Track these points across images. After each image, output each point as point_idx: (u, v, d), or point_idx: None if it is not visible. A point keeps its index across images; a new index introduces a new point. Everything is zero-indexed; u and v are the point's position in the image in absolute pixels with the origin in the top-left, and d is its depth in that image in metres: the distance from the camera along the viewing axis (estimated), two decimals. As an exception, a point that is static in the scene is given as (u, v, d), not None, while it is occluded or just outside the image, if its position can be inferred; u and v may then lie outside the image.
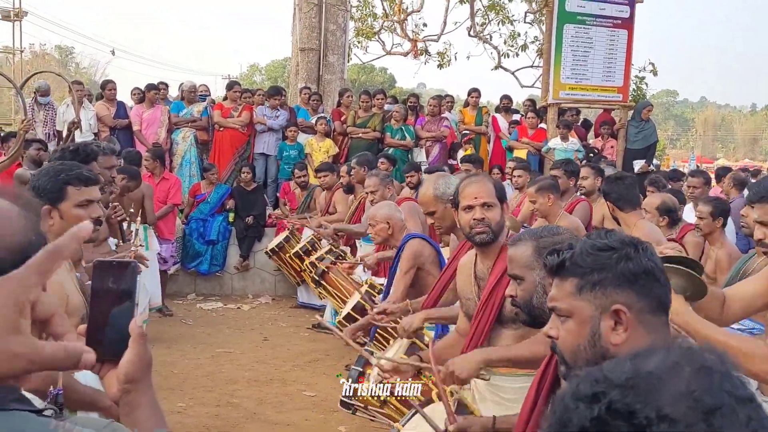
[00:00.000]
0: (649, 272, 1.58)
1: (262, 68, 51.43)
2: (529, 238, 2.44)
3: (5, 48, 38.58)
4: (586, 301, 1.60)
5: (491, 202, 3.16)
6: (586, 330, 1.60)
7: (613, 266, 1.58)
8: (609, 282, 1.58)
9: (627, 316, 1.56)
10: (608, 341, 1.58)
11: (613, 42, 11.26)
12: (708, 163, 39.06)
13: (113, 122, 9.99)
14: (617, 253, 1.59)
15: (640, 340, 1.56)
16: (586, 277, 1.61)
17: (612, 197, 4.82)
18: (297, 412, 5.68)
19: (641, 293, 1.57)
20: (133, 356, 1.33)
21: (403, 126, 10.69)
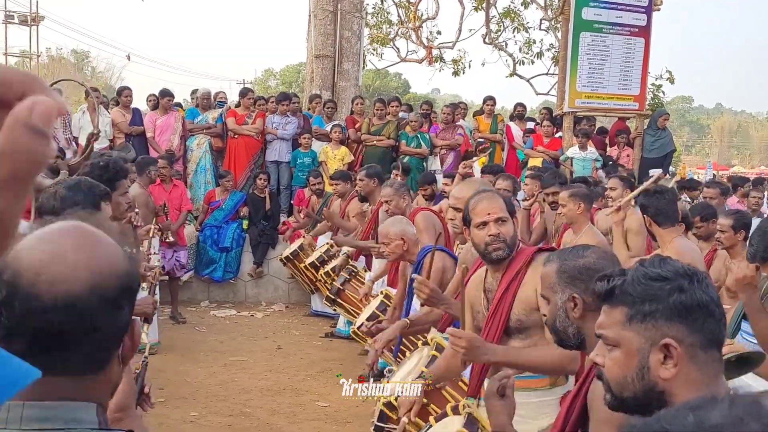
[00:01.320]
0: (704, 306, 1.52)
1: (276, 73, 51.59)
2: (556, 258, 2.39)
3: (22, 52, 39.00)
4: (635, 332, 1.55)
5: (504, 217, 3.15)
6: (634, 362, 1.55)
7: (665, 298, 1.52)
8: (660, 314, 1.52)
9: (677, 351, 1.50)
10: (657, 375, 1.52)
11: (629, 50, 11.19)
12: (724, 170, 38.78)
13: (129, 129, 10.00)
14: (670, 284, 1.53)
15: (690, 376, 1.51)
16: (636, 307, 1.55)
17: (650, 212, 4.72)
18: (310, 423, 5.66)
19: (693, 327, 1.51)
20: (125, 385, 1.36)
21: (419, 134, 10.66)
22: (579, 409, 2.13)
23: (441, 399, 3.47)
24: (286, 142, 10.50)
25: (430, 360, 3.64)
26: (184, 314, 8.82)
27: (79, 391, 1.15)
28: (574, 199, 5.58)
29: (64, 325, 1.10)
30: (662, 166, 11.10)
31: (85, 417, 1.14)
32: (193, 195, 10.08)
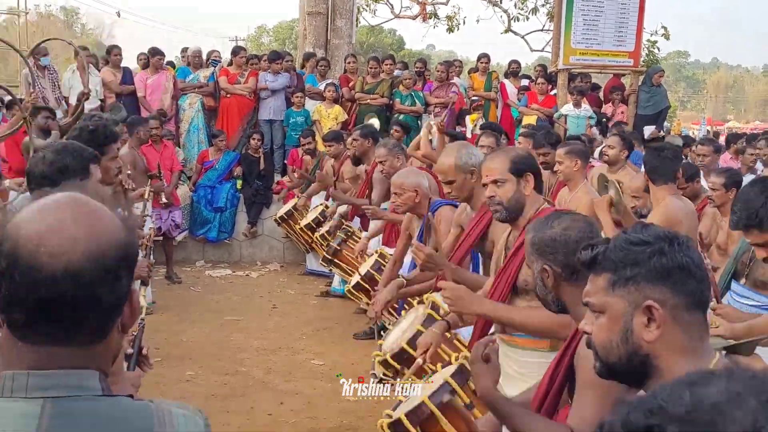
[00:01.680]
0: (684, 267, 1.54)
1: (269, 30, 50.92)
2: (531, 228, 2.42)
3: (10, 9, 38.34)
4: (619, 297, 1.58)
5: (501, 179, 3.11)
6: (618, 326, 1.57)
7: (646, 261, 1.55)
8: (641, 277, 1.55)
9: (659, 312, 1.52)
10: (641, 338, 1.54)
11: (624, 6, 11.06)
12: (719, 125, 38.72)
13: (119, 88, 9.90)
14: (650, 247, 1.55)
15: (675, 338, 1.53)
16: (619, 272, 1.58)
17: (646, 167, 4.71)
18: (305, 381, 5.72)
19: (675, 289, 1.53)
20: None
21: (413, 92, 10.59)
22: (564, 371, 2.16)
23: (434, 356, 3.50)
24: (279, 101, 10.43)
25: (425, 318, 3.66)
26: (180, 274, 8.85)
27: (82, 360, 1.17)
28: (570, 156, 5.56)
29: (65, 296, 1.11)
30: (656, 123, 11.07)
31: (90, 384, 1.16)
32: (186, 155, 10.04)
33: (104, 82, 9.84)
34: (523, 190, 3.09)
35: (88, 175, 2.91)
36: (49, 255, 1.10)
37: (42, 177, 2.87)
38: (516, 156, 3.16)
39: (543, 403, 2.20)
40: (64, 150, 2.95)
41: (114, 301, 1.18)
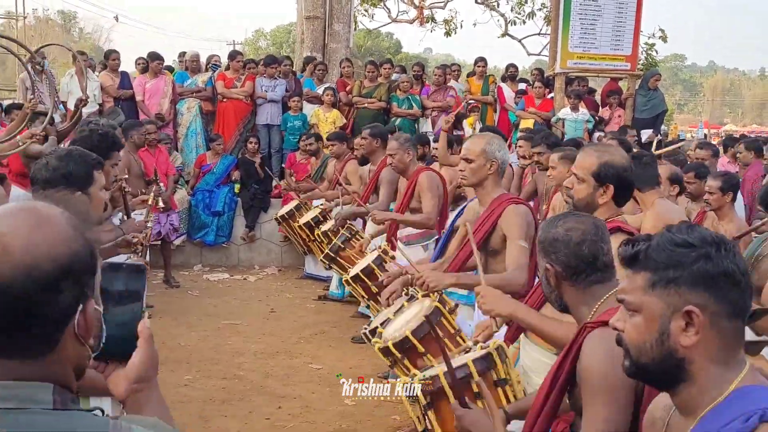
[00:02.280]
0: (729, 275, 1.50)
1: (267, 34, 50.99)
2: (540, 227, 2.44)
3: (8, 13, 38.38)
4: (658, 298, 1.54)
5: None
6: (655, 327, 1.54)
7: (690, 265, 1.51)
8: (684, 281, 1.51)
9: (699, 318, 1.49)
10: (677, 342, 1.51)
11: (622, 10, 11.08)
12: (716, 128, 38.83)
13: (117, 93, 9.91)
14: (696, 251, 1.51)
15: (711, 345, 1.51)
16: (660, 272, 1.54)
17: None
18: (303, 385, 5.72)
19: (718, 296, 1.50)
20: (143, 356, 1.38)
21: (409, 95, 10.61)
22: (565, 376, 2.15)
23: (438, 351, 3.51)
24: (276, 106, 10.44)
25: (432, 311, 3.66)
26: (177, 278, 8.85)
27: (33, 372, 1.16)
28: (564, 162, 5.52)
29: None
30: (654, 127, 11.09)
31: (41, 397, 1.15)
32: (184, 159, 10.04)
33: (102, 86, 9.85)
34: (598, 197, 3.02)
35: (91, 181, 2.91)
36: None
37: (46, 183, 2.87)
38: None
39: (543, 408, 2.20)
40: (67, 156, 2.95)
41: (55, 315, 1.16)
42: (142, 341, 1.37)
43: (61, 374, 1.21)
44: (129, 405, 1.40)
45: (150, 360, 1.38)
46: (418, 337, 3.51)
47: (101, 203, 2.97)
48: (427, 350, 3.52)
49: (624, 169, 2.98)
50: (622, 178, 2.98)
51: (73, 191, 2.82)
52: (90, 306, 1.23)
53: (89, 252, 1.22)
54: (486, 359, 2.94)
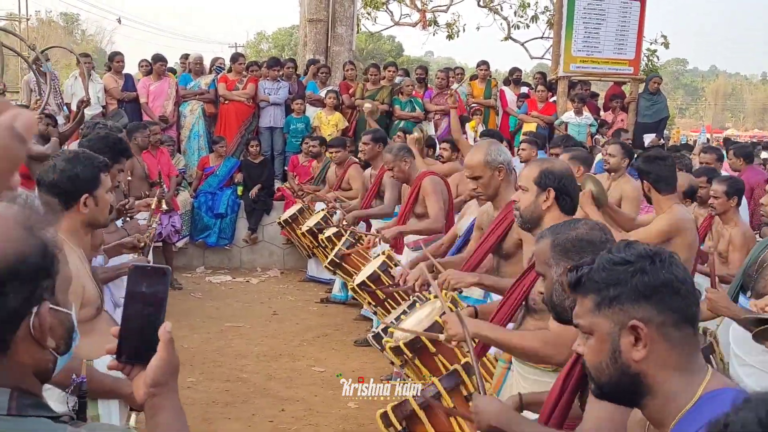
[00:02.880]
0: (668, 284, 1.53)
1: (269, 36, 51.03)
2: (549, 233, 2.40)
3: (11, 15, 38.42)
4: (605, 318, 1.57)
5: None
6: (607, 347, 1.57)
7: (628, 281, 1.54)
8: (625, 297, 1.54)
9: (645, 331, 1.52)
10: (629, 358, 1.54)
11: (625, 14, 11.09)
12: (718, 133, 38.80)
13: (121, 95, 9.91)
14: (632, 266, 1.55)
15: (664, 355, 1.53)
16: (603, 293, 1.57)
17: (651, 177, 4.63)
18: (306, 388, 5.72)
19: (660, 307, 1.53)
20: (161, 361, 1.36)
21: (412, 98, 10.61)
22: (574, 383, 2.14)
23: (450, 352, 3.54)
24: (279, 108, 10.44)
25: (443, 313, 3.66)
26: (180, 280, 8.84)
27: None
28: (573, 162, 5.54)
29: None
30: (656, 131, 11.09)
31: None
32: (187, 161, 10.04)
33: (106, 88, 9.86)
34: (541, 203, 3.05)
35: (98, 184, 2.92)
36: None
37: (52, 185, 2.87)
38: (546, 169, 3.10)
39: (551, 414, 2.18)
40: (75, 158, 2.95)
41: (2, 319, 1.15)
42: (161, 345, 1.36)
43: (18, 378, 1.20)
44: (147, 409, 1.39)
45: (167, 365, 1.36)
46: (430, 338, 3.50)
47: (107, 206, 2.97)
48: (438, 351, 3.53)
49: (562, 174, 3.04)
50: (561, 182, 3.03)
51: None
52: (45, 308, 1.21)
53: (41, 253, 1.21)
54: (452, 376, 2.95)
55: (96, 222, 2.96)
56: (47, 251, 1.22)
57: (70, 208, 2.84)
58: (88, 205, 2.87)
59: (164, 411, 1.36)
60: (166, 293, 1.40)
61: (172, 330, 1.38)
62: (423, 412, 2.81)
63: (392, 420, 2.84)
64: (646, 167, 4.71)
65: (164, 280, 1.40)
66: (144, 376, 1.36)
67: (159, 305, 1.38)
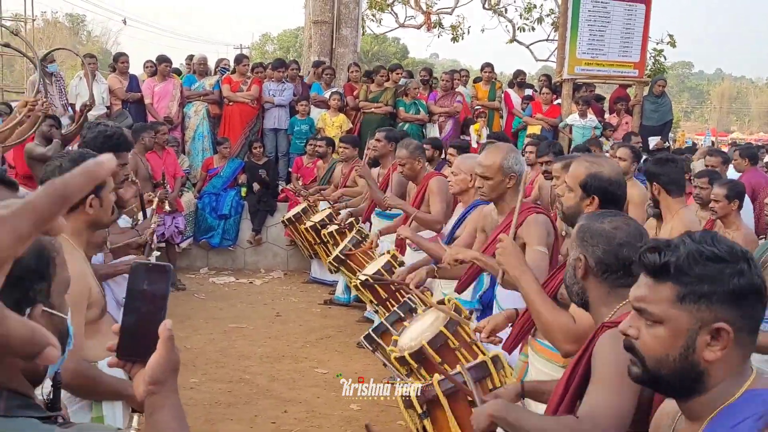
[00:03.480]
0: (758, 291, 1.48)
1: (274, 38, 51.12)
2: (584, 218, 2.41)
3: (17, 16, 38.53)
4: (687, 312, 1.50)
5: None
6: (681, 342, 1.51)
7: (726, 281, 1.47)
8: (717, 297, 1.47)
9: (730, 335, 1.47)
10: (701, 356, 1.49)
11: (630, 17, 11.09)
12: (723, 136, 38.72)
13: (125, 95, 9.94)
14: (730, 267, 1.48)
15: (732, 359, 1.50)
16: (692, 286, 1.49)
17: (662, 180, 4.57)
18: (309, 390, 5.72)
19: (746, 313, 1.48)
20: (160, 358, 1.35)
21: (416, 101, 10.61)
22: (581, 375, 2.13)
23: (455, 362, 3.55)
24: (284, 110, 10.46)
25: (448, 321, 3.66)
26: (183, 281, 8.86)
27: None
28: (566, 170, 5.51)
29: None
30: (661, 134, 11.07)
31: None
32: (191, 162, 10.06)
33: (111, 89, 9.88)
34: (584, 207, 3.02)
35: (104, 184, 2.91)
36: None
37: None
38: (593, 174, 3.04)
39: (558, 407, 2.18)
40: (80, 159, 2.95)
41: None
42: (160, 343, 1.35)
43: (7, 379, 1.19)
44: (146, 407, 1.39)
45: (167, 362, 1.35)
46: (434, 348, 3.53)
47: (110, 205, 2.97)
48: (443, 360, 3.53)
49: (610, 182, 2.98)
50: (607, 191, 2.98)
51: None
52: (38, 311, 1.21)
53: (36, 256, 1.20)
54: (481, 367, 2.94)
55: (100, 222, 2.95)
56: (43, 254, 1.22)
57: (75, 209, 2.83)
58: (93, 205, 2.87)
59: (163, 409, 1.35)
60: (167, 291, 1.40)
61: (172, 328, 1.37)
62: (446, 398, 2.81)
63: (414, 402, 2.85)
64: (658, 170, 4.63)
65: (165, 278, 1.40)
66: (143, 373, 1.36)
67: (160, 303, 1.38)
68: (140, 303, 1.37)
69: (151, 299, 1.37)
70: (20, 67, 25.75)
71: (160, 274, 1.39)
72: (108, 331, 2.86)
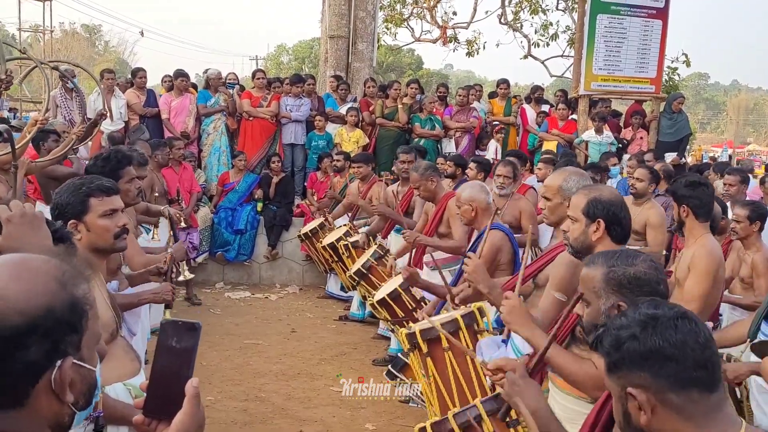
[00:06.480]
0: (656, 351, 1.51)
1: (289, 49, 51.32)
2: (603, 262, 2.35)
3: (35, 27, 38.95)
4: (613, 381, 1.59)
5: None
6: (620, 409, 1.59)
7: (623, 347, 1.55)
8: (624, 363, 1.55)
9: (641, 398, 1.52)
10: (638, 422, 1.54)
11: (647, 32, 11.07)
12: (740, 148, 38.49)
13: (143, 110, 10.01)
14: (626, 332, 1.55)
15: (671, 419, 1.51)
16: (609, 357, 1.59)
17: (693, 203, 4.44)
18: (324, 408, 5.71)
19: (653, 374, 1.51)
20: (185, 416, 1.35)
21: (432, 116, 10.62)
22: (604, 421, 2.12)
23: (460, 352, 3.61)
24: (300, 125, 10.49)
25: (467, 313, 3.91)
26: (199, 296, 8.89)
27: (5, 425, 1.16)
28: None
29: None
30: (678, 150, 11.02)
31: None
32: (207, 176, 10.09)
33: (129, 104, 9.95)
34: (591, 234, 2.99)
35: (86, 210, 2.94)
36: None
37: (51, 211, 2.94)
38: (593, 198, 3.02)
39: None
40: (66, 186, 3.01)
41: (21, 369, 1.16)
42: (187, 400, 1.34)
43: (32, 429, 1.20)
44: None
45: (192, 420, 1.34)
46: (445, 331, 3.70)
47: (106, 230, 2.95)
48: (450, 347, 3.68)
49: (611, 203, 2.96)
50: (610, 212, 2.96)
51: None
52: (68, 363, 1.21)
53: (70, 308, 1.21)
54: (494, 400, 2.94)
55: (97, 247, 2.95)
56: (76, 307, 1.23)
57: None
58: (80, 230, 2.90)
59: None
60: (196, 348, 1.40)
61: (198, 386, 1.37)
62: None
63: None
64: (690, 192, 4.45)
65: (195, 335, 1.40)
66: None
67: (188, 360, 1.38)
68: (168, 360, 1.37)
69: (179, 356, 1.37)
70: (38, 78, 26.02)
71: (190, 331, 1.39)
72: (119, 356, 2.88)
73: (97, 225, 2.92)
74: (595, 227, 2.97)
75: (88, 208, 2.93)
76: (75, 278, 1.25)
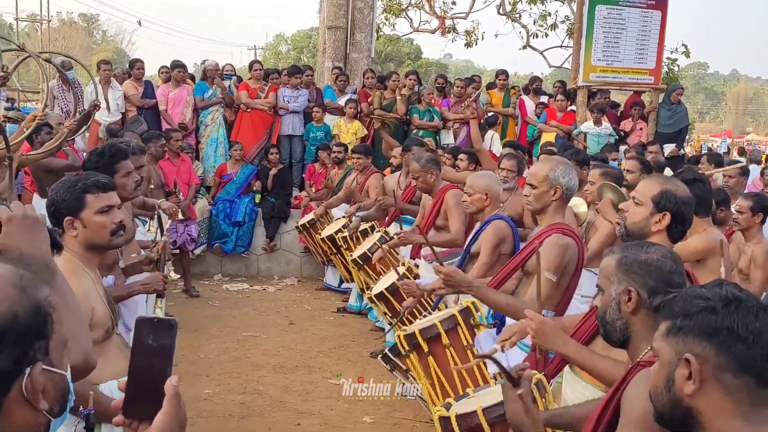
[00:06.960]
0: (732, 330, 1.52)
1: (287, 38, 51.16)
2: (618, 250, 2.35)
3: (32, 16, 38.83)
4: (669, 345, 1.61)
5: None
6: (664, 374, 1.61)
7: (696, 315, 1.57)
8: (689, 329, 1.57)
9: (696, 367, 1.52)
10: (681, 390, 1.56)
11: (646, 23, 11.04)
12: (739, 138, 38.46)
13: (140, 102, 9.97)
14: (706, 303, 1.57)
15: (716, 397, 1.52)
16: (674, 320, 1.61)
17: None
18: (322, 401, 5.70)
19: (720, 350, 1.52)
20: (166, 416, 1.32)
21: (430, 107, 10.58)
22: (611, 413, 2.11)
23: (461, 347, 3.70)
24: (298, 116, 10.45)
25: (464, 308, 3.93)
26: (197, 287, 8.87)
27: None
28: (604, 177, 5.47)
29: None
30: (677, 141, 11.00)
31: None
32: (204, 167, 10.06)
33: (126, 95, 9.91)
34: (652, 224, 2.95)
35: (81, 206, 2.94)
36: None
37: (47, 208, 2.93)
38: (668, 190, 2.96)
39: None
40: (62, 182, 3.01)
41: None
42: (166, 400, 1.31)
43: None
44: None
45: (173, 420, 1.31)
46: (444, 327, 3.79)
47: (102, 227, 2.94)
48: (451, 343, 3.70)
49: (684, 202, 2.92)
50: (680, 210, 2.92)
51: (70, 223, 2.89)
52: (38, 369, 1.20)
53: (33, 313, 1.19)
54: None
55: (93, 244, 2.94)
56: (40, 311, 1.20)
57: (65, 232, 2.88)
58: (76, 227, 2.89)
59: None
60: (173, 346, 1.36)
61: (178, 384, 1.34)
62: (489, 427, 2.82)
63: (454, 427, 2.86)
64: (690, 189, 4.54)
65: (171, 333, 1.36)
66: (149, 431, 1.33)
67: (165, 358, 1.35)
68: (145, 358, 1.34)
69: (156, 354, 1.34)
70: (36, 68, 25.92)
71: (166, 329, 1.36)
72: (114, 354, 2.86)
73: (93, 222, 2.91)
74: (659, 218, 2.93)
75: (84, 205, 2.92)
76: (34, 282, 1.22)
